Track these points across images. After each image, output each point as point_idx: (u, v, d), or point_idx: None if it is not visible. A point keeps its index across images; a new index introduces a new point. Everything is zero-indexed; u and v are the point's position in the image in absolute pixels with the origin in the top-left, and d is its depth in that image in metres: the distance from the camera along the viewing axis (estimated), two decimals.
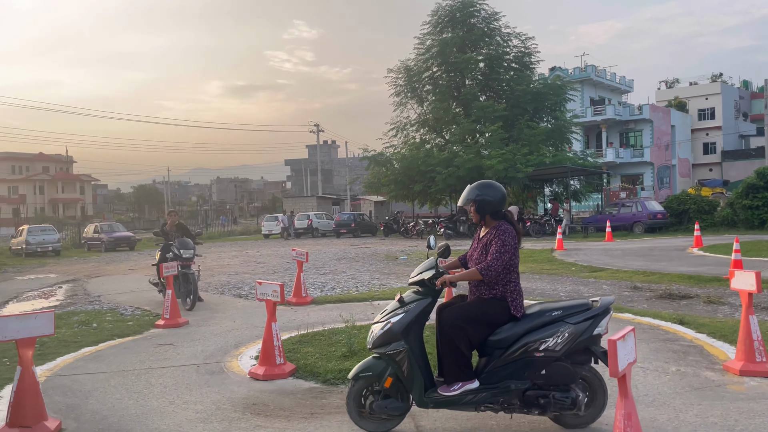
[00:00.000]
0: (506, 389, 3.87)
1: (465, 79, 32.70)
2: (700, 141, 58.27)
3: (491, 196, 4.16)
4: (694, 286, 10.24)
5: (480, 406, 3.92)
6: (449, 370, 3.98)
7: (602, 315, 3.94)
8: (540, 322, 3.94)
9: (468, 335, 3.95)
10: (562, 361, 3.88)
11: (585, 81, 48.90)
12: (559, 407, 3.86)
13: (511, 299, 4.04)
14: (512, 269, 4.09)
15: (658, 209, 26.49)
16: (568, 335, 3.85)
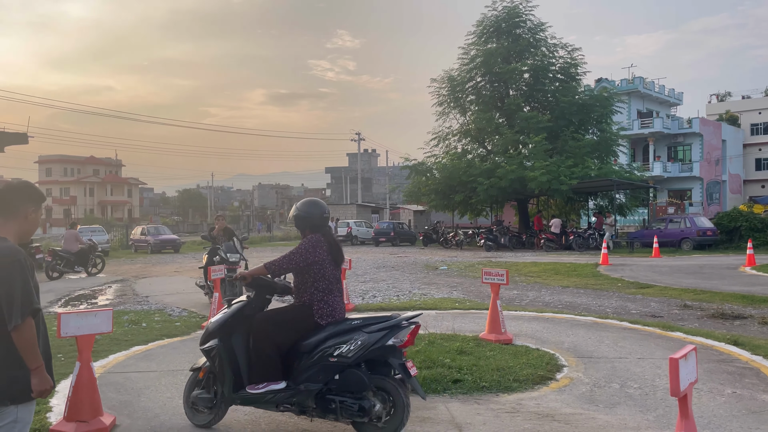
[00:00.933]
0: (300, 391, 4.08)
1: (509, 90, 32.46)
2: (752, 156, 56.28)
3: (308, 212, 4.50)
4: (747, 306, 9.88)
5: (280, 405, 4.16)
6: (257, 370, 4.24)
7: (398, 327, 4.11)
8: (340, 330, 4.17)
9: (274, 339, 4.22)
10: (356, 368, 4.06)
11: (632, 93, 47.87)
12: (348, 413, 4.02)
13: (317, 307, 4.28)
14: (320, 278, 4.35)
15: (708, 226, 25.66)
16: (360, 343, 4.04)
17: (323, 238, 4.45)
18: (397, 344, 4.08)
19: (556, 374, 5.82)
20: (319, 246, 4.39)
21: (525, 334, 7.73)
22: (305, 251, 4.35)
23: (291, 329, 4.26)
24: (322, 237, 4.45)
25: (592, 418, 4.55)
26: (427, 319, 8.91)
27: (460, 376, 5.58)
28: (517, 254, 24.25)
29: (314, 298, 4.32)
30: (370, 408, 3.99)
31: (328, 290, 4.37)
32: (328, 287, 4.37)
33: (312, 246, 4.36)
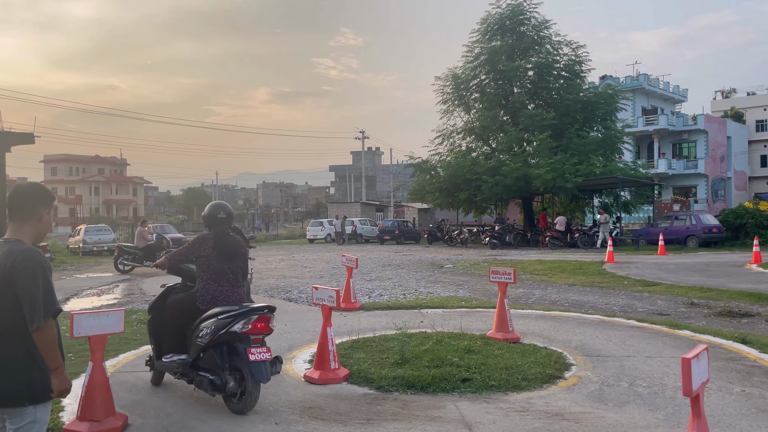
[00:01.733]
0: (181, 365, 4.97)
1: (513, 88, 32.40)
2: (757, 153, 56.08)
3: (208, 213, 5.29)
4: (755, 304, 9.87)
5: (178, 374, 5.07)
6: (165, 343, 5.21)
7: (242, 316, 4.71)
8: (208, 315, 4.87)
9: (173, 318, 5.13)
10: (216, 348, 4.75)
11: (637, 90, 47.74)
12: (203, 387, 4.74)
13: (200, 294, 5.07)
14: (205, 269, 5.11)
15: (714, 223, 25.59)
16: (213, 328, 4.70)
17: (212, 235, 5.21)
18: (241, 330, 4.67)
19: (564, 373, 5.83)
20: (206, 242, 5.17)
21: (532, 332, 7.75)
22: (193, 246, 5.22)
23: (184, 312, 5.09)
24: (210, 234, 5.22)
25: (602, 417, 4.57)
26: (434, 317, 8.94)
27: (468, 374, 5.60)
28: (522, 252, 24.24)
29: (199, 287, 5.12)
30: (222, 384, 4.64)
31: (212, 280, 5.10)
32: (213, 277, 5.10)
33: (199, 242, 5.20)
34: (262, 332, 4.80)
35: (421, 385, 5.36)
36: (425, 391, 5.28)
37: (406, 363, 5.98)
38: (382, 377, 5.56)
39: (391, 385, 5.39)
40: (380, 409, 4.84)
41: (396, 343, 6.78)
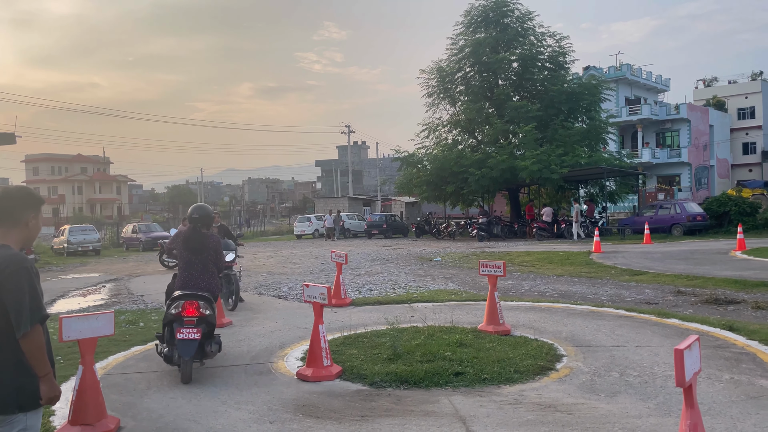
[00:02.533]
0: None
1: (498, 80, 32.46)
2: (739, 141, 56.74)
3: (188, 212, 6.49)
4: (740, 291, 10.00)
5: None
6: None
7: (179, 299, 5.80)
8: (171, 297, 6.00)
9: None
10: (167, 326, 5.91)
11: (620, 80, 48.06)
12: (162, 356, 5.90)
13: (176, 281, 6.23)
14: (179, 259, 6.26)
15: (698, 211, 25.90)
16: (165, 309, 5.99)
17: (183, 231, 6.40)
18: (174, 312, 5.69)
19: (555, 364, 5.87)
20: (178, 237, 6.39)
21: (523, 324, 7.79)
22: (171, 240, 6.63)
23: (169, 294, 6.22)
24: (183, 231, 6.44)
25: (594, 407, 4.61)
26: (425, 311, 8.95)
27: (461, 368, 5.62)
28: (509, 244, 24.36)
29: (176, 274, 6.26)
30: (171, 356, 5.68)
31: (183, 268, 6.14)
32: (183, 266, 6.15)
33: (174, 237, 6.55)
34: (192, 315, 5.67)
35: (414, 380, 5.37)
36: (418, 386, 5.29)
37: (398, 358, 5.99)
38: (375, 373, 5.57)
39: (385, 381, 5.40)
40: (374, 406, 4.85)
41: (388, 339, 6.79)
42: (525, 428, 4.20)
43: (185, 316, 5.65)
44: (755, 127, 56.13)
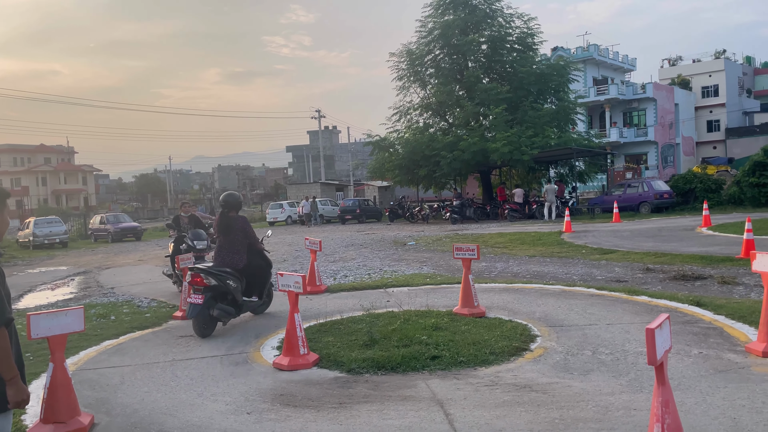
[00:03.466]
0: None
1: (468, 62, 32.46)
2: (703, 119, 57.92)
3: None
4: (707, 267, 10.26)
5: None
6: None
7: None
8: None
9: None
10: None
11: (588, 61, 48.52)
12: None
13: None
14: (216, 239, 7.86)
15: (665, 189, 26.44)
16: None
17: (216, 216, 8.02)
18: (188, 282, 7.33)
19: (530, 344, 5.95)
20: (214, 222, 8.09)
21: (497, 306, 7.87)
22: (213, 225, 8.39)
23: None
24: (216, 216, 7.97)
25: (568, 386, 4.69)
26: (400, 296, 8.98)
27: (437, 352, 5.66)
28: (482, 226, 24.57)
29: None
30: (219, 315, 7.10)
31: (217, 247, 7.63)
32: (217, 245, 7.62)
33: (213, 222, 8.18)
34: (198, 284, 6.95)
35: (392, 366, 5.39)
36: (395, 371, 5.32)
37: (375, 344, 6.01)
38: (352, 360, 5.57)
39: (362, 367, 5.41)
40: (352, 392, 4.85)
41: (364, 325, 6.80)
42: (501, 409, 4.26)
43: (193, 284, 6.97)
44: (719, 105, 57.32)
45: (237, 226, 7.52)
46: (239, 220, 7.63)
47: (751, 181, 24.28)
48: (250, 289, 7.75)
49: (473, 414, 4.20)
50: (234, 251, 7.44)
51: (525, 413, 4.16)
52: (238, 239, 7.49)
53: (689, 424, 3.76)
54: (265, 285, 7.98)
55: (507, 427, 3.93)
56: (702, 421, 3.83)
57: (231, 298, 7.20)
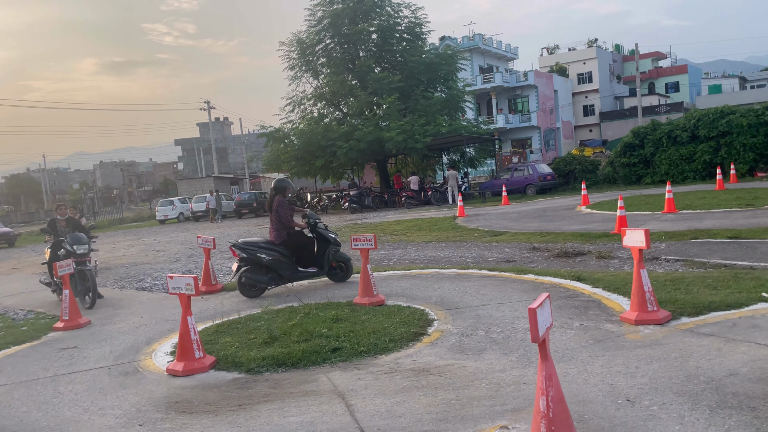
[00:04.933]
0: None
1: (359, 51, 32.59)
2: (580, 104, 62.08)
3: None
4: (586, 243, 11.00)
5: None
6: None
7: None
8: None
9: None
10: None
11: (473, 50, 50.33)
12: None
13: None
14: None
15: (548, 171, 28.08)
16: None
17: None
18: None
19: (427, 329, 6.12)
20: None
21: (396, 293, 8.02)
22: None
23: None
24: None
25: (463, 366, 4.87)
26: (300, 290, 8.90)
27: (338, 344, 5.67)
28: (381, 214, 24.88)
29: None
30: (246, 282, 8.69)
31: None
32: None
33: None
34: (235, 256, 8.74)
35: (292, 362, 5.33)
36: (296, 366, 5.27)
37: (275, 341, 5.92)
38: (251, 359, 5.45)
39: (261, 366, 5.31)
40: (252, 393, 4.75)
41: (263, 322, 6.67)
42: (401, 396, 4.35)
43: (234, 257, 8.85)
44: (593, 91, 61.65)
45: (273, 207, 8.68)
46: (275, 201, 8.71)
47: (623, 161, 26.36)
48: (304, 262, 8.82)
49: (374, 403, 4.26)
50: (273, 228, 8.74)
51: (423, 397, 4.28)
52: (274, 218, 8.70)
53: (572, 392, 4.03)
54: (314, 259, 8.86)
55: (407, 413, 4.02)
56: (583, 389, 4.12)
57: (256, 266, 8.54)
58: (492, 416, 3.83)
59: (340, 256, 9.09)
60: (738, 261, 7.94)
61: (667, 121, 26.71)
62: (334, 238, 8.94)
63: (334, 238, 8.94)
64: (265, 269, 8.57)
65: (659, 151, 25.12)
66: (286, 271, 8.67)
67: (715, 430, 3.31)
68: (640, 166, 25.88)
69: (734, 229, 10.39)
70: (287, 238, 8.76)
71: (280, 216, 8.66)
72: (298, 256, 8.84)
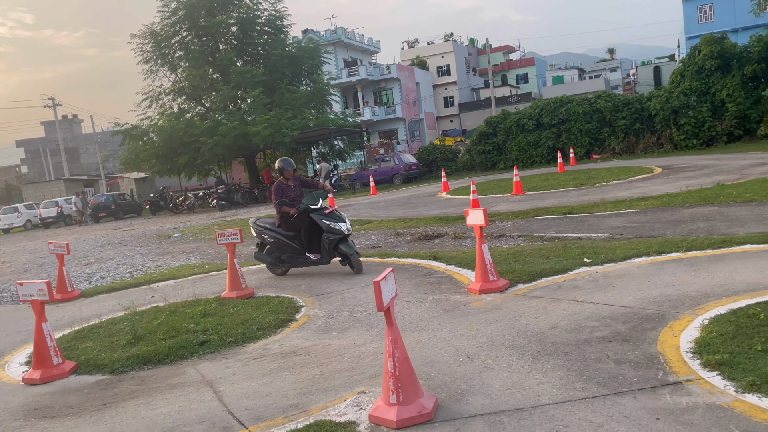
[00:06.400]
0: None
1: (219, 44, 31.78)
2: (441, 96, 65.04)
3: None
4: (444, 226, 11.83)
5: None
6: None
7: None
8: None
9: None
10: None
11: (337, 43, 50.87)
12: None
13: None
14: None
15: (412, 161, 29.33)
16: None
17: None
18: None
19: (295, 315, 6.39)
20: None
21: (265, 284, 8.18)
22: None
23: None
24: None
25: (328, 345, 5.21)
26: (165, 290, 8.77)
27: (206, 337, 5.76)
28: (251, 209, 24.60)
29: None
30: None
31: None
32: None
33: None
34: None
35: (159, 359, 5.35)
36: (163, 363, 5.30)
37: (139, 341, 5.87)
38: (115, 360, 5.39)
39: (126, 366, 5.28)
40: (117, 392, 4.74)
41: (126, 324, 6.55)
42: (268, 377, 4.58)
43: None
44: (452, 83, 64.85)
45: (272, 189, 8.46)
46: (274, 184, 8.47)
47: (479, 149, 28.22)
48: (314, 247, 8.32)
49: (242, 386, 4.46)
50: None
51: (290, 376, 4.55)
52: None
53: (423, 356, 4.51)
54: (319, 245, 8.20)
55: (273, 392, 4.27)
56: (432, 352, 4.62)
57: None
58: (352, 384, 4.19)
59: (342, 249, 8.00)
60: (569, 233, 9.03)
61: (516, 111, 28.95)
62: (329, 225, 7.97)
63: (329, 225, 7.97)
64: (268, 250, 8.58)
65: (510, 139, 27.20)
66: (285, 255, 8.46)
67: (536, 373, 3.92)
68: (494, 153, 27.85)
69: (569, 206, 11.72)
70: (281, 221, 8.44)
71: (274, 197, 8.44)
72: (308, 240, 8.34)
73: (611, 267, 6.40)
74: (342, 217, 8.22)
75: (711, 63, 22.44)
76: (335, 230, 7.97)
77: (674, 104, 22.90)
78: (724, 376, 3.43)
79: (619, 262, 6.57)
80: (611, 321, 4.70)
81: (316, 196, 8.25)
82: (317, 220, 8.04)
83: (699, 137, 22.61)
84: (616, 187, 13.74)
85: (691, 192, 11.14)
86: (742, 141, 21.98)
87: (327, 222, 7.98)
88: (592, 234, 8.68)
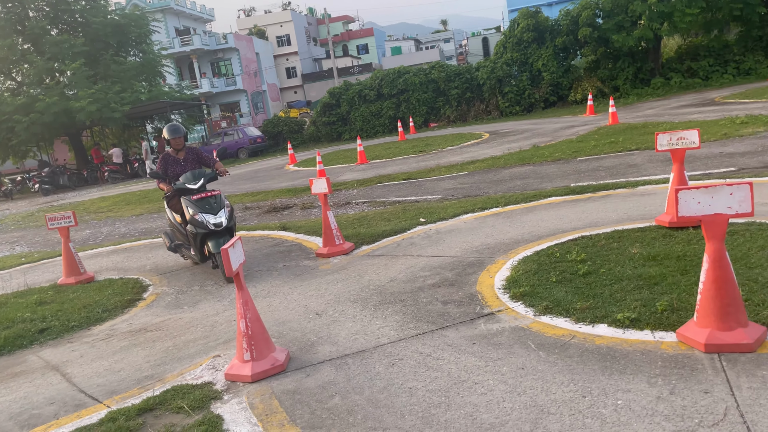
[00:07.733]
0: None
1: (28, 11, 28.44)
2: (282, 66, 64.04)
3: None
4: (293, 198, 12.06)
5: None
6: None
7: None
8: None
9: None
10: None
11: (166, 10, 47.77)
12: None
13: None
14: None
15: (258, 134, 28.89)
16: None
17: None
18: None
19: (143, 294, 6.31)
20: None
21: (107, 268, 7.89)
22: None
23: None
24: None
25: (180, 318, 5.28)
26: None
27: (45, 324, 5.53)
28: (81, 192, 22.79)
29: None
30: None
31: None
32: None
33: None
34: None
35: None
36: (0, 355, 5.03)
37: None
38: None
39: None
40: None
41: None
42: (119, 355, 4.58)
43: None
44: (293, 53, 64.09)
45: None
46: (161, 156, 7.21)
47: (324, 120, 28.54)
48: None
49: (91, 366, 4.42)
50: None
51: (142, 351, 4.59)
52: None
53: (276, 318, 4.79)
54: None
55: (126, 367, 4.30)
56: (284, 314, 4.91)
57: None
58: (206, 350, 4.37)
59: (210, 247, 6.43)
60: (408, 197, 9.74)
61: (357, 82, 29.60)
62: (193, 216, 6.34)
63: (193, 216, 6.34)
64: (167, 233, 7.42)
65: (353, 109, 27.84)
66: (177, 242, 7.10)
67: (377, 320, 4.39)
68: (339, 124, 28.35)
69: (408, 172, 12.52)
70: (167, 199, 7.03)
71: None
72: None
73: (443, 224, 7.12)
74: (215, 207, 6.42)
75: (528, 35, 24.66)
76: (198, 222, 6.32)
77: (498, 74, 24.94)
78: (526, 304, 4.15)
79: (449, 219, 7.31)
80: (441, 270, 5.32)
81: (198, 174, 6.70)
82: (184, 205, 6.49)
83: (521, 104, 24.92)
84: (450, 153, 14.87)
85: (512, 154, 12.45)
86: (556, 107, 24.60)
87: (192, 210, 6.36)
88: (428, 196, 9.46)
